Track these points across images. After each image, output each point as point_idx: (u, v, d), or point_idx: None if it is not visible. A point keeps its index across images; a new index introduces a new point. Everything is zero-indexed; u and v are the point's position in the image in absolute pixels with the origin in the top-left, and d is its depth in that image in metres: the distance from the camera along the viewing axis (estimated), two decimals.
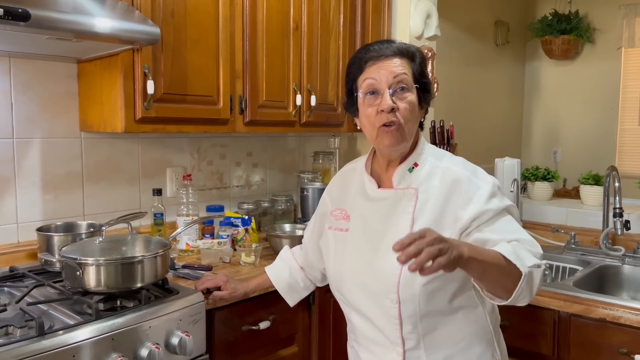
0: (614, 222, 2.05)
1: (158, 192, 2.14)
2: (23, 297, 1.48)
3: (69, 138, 2.02)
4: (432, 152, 1.40)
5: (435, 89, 2.94)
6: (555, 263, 2.24)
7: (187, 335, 1.49)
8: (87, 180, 2.07)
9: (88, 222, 1.94)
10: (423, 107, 1.38)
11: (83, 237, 1.76)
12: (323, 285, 1.70)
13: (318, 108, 2.40)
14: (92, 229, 1.86)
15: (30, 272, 1.72)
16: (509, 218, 1.32)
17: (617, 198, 2.06)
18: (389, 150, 1.36)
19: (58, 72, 1.97)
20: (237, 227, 2.17)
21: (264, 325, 1.81)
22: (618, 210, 2.04)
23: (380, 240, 1.33)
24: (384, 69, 1.30)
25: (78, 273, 1.43)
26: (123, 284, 1.48)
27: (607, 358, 1.68)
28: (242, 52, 2.13)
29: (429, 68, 2.88)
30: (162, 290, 1.61)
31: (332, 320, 2.03)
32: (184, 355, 1.49)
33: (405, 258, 1.03)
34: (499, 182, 2.46)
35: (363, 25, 2.65)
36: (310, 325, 2.01)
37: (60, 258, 1.47)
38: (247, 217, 2.19)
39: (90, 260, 1.45)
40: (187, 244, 2.08)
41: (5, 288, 1.63)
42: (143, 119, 1.84)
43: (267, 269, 1.74)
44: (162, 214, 2.13)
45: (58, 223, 1.90)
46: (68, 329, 1.32)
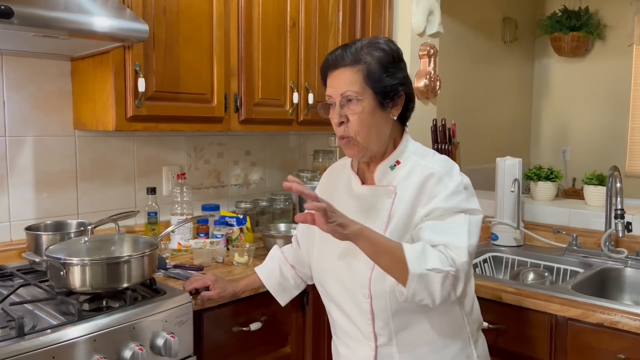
0: (615, 223, 2.00)
1: (152, 190, 2.12)
2: (7, 296, 1.46)
3: (63, 136, 2.01)
4: (415, 150, 1.41)
5: (438, 87, 2.90)
6: (556, 265, 2.18)
7: (172, 337, 1.48)
8: (81, 179, 2.06)
9: (78, 221, 1.93)
10: (388, 108, 1.35)
11: (72, 236, 1.75)
12: (313, 283, 1.68)
13: (316, 106, 2.37)
14: (82, 228, 1.85)
15: (19, 271, 1.71)
16: (459, 221, 1.28)
17: (618, 199, 2.01)
18: (355, 159, 1.43)
19: (51, 70, 1.96)
20: (232, 226, 2.15)
21: (255, 327, 1.79)
22: (619, 212, 1.98)
23: None
24: (334, 82, 1.34)
25: (62, 273, 1.42)
26: (109, 284, 1.47)
27: None
28: (237, 49, 2.11)
29: (431, 65, 2.84)
30: (149, 291, 1.60)
31: (326, 321, 1.98)
32: (170, 357, 1.47)
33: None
34: (500, 181, 2.47)
35: (363, 23, 2.61)
36: (304, 326, 1.99)
37: (45, 258, 1.46)
38: (242, 216, 2.17)
39: (75, 260, 1.44)
40: (179, 244, 2.06)
41: None
42: (134, 117, 1.82)
43: (257, 269, 1.73)
44: (155, 213, 2.11)
45: (48, 222, 1.89)
46: (49, 330, 1.31)
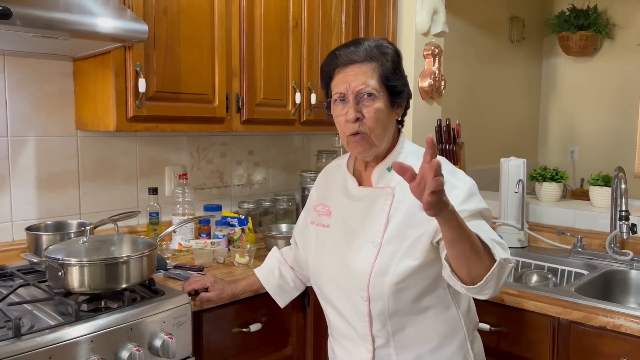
0: (620, 225, 1.97)
1: (154, 191, 2.12)
2: (5, 297, 1.47)
3: (65, 136, 2.01)
4: (412, 150, 1.40)
5: (442, 87, 2.88)
6: (560, 267, 2.16)
7: (170, 338, 1.47)
8: (83, 179, 2.07)
9: (78, 221, 1.93)
10: (396, 108, 1.36)
11: (72, 236, 1.75)
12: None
13: (319, 106, 2.36)
14: (82, 229, 1.85)
15: (20, 271, 1.71)
16: (483, 222, 1.29)
17: (623, 200, 1.98)
18: (361, 157, 1.40)
19: (53, 70, 1.97)
20: (233, 226, 2.14)
21: (255, 328, 1.78)
22: (624, 213, 1.96)
23: (355, 238, 1.34)
24: (349, 78, 1.31)
25: (60, 273, 1.42)
26: (107, 285, 1.46)
27: None
28: (239, 49, 2.10)
29: (436, 65, 2.82)
30: (148, 291, 1.59)
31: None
32: (167, 358, 1.47)
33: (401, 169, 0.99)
34: (504, 182, 2.45)
35: (367, 22, 2.59)
36: (305, 327, 1.98)
37: (43, 258, 1.46)
38: (243, 217, 2.16)
39: (74, 261, 1.44)
40: (179, 244, 2.06)
41: None
42: (135, 118, 1.82)
43: (256, 270, 1.72)
44: (157, 213, 2.11)
45: (48, 222, 1.90)
46: (46, 330, 1.31)
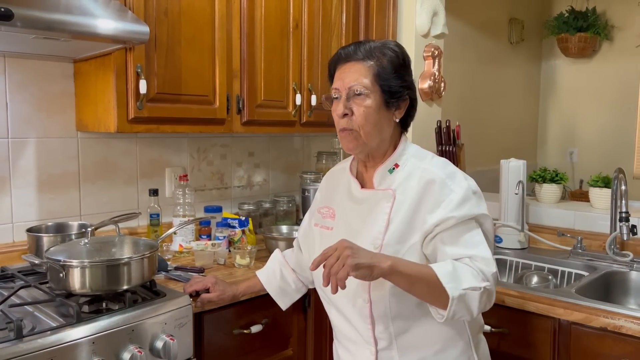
0: (620, 226, 1.97)
1: (154, 192, 2.12)
2: (7, 298, 1.46)
3: (65, 138, 2.01)
4: (414, 153, 1.41)
5: (442, 88, 2.88)
6: (561, 268, 2.16)
7: (171, 339, 1.47)
8: (83, 181, 2.06)
9: (79, 222, 1.93)
10: (392, 108, 1.36)
11: (73, 238, 1.75)
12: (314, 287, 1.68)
13: (319, 108, 2.36)
14: (83, 230, 1.84)
15: (20, 272, 1.71)
16: (474, 229, 1.31)
17: (623, 201, 1.99)
18: (351, 153, 1.42)
19: (54, 71, 1.97)
20: (234, 228, 2.14)
21: (256, 329, 1.78)
22: (624, 215, 1.96)
23: (357, 240, 1.33)
24: (343, 75, 1.34)
25: (61, 275, 1.42)
26: (108, 286, 1.46)
27: None
28: (239, 51, 2.10)
29: (436, 67, 2.82)
30: (149, 293, 1.59)
31: (328, 324, 1.97)
32: (169, 359, 1.47)
33: (325, 284, 1.15)
34: (504, 183, 2.45)
35: (367, 24, 2.60)
36: (306, 329, 1.98)
37: (44, 260, 1.46)
38: (244, 218, 2.16)
39: (75, 262, 1.43)
40: (180, 245, 2.06)
41: None
42: (136, 119, 1.82)
43: (257, 272, 1.73)
44: (158, 215, 2.11)
45: (49, 223, 1.89)
46: (47, 332, 1.30)
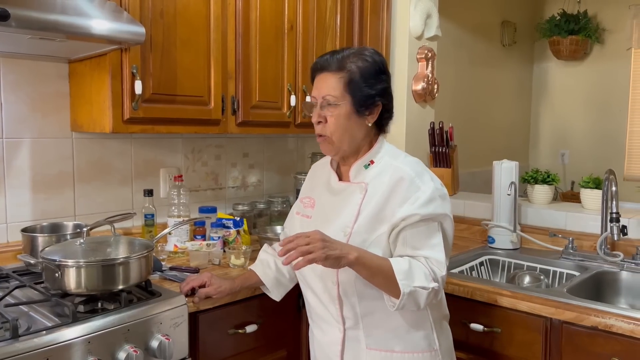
0: (610, 227, 2.00)
1: (149, 192, 2.13)
2: (2, 298, 1.47)
3: (60, 138, 2.01)
4: (388, 151, 1.52)
5: (436, 90, 2.90)
6: (552, 268, 2.18)
7: (167, 339, 1.48)
8: (78, 181, 2.07)
9: (74, 222, 1.93)
10: (364, 114, 1.45)
11: (68, 238, 1.75)
12: None
13: None
14: (78, 230, 1.85)
15: (15, 272, 1.71)
16: (435, 232, 1.41)
17: (614, 202, 2.01)
18: (328, 155, 1.55)
19: (49, 72, 1.97)
20: (228, 228, 2.15)
21: (251, 329, 1.79)
22: (614, 215, 1.99)
23: (330, 227, 1.45)
24: (318, 85, 1.46)
25: (57, 275, 1.43)
26: (104, 286, 1.47)
27: None
28: (234, 52, 2.11)
29: (429, 69, 2.84)
30: (144, 293, 1.60)
31: None
32: (164, 359, 1.47)
33: (281, 253, 1.27)
34: (497, 184, 2.47)
35: (361, 26, 2.61)
36: (300, 329, 1.99)
37: (40, 260, 1.46)
38: (238, 218, 2.17)
39: (70, 262, 1.44)
40: (175, 246, 2.06)
41: None
42: (131, 120, 1.82)
43: (252, 267, 1.77)
44: (152, 215, 2.11)
45: (44, 224, 1.89)
46: (43, 332, 1.31)
